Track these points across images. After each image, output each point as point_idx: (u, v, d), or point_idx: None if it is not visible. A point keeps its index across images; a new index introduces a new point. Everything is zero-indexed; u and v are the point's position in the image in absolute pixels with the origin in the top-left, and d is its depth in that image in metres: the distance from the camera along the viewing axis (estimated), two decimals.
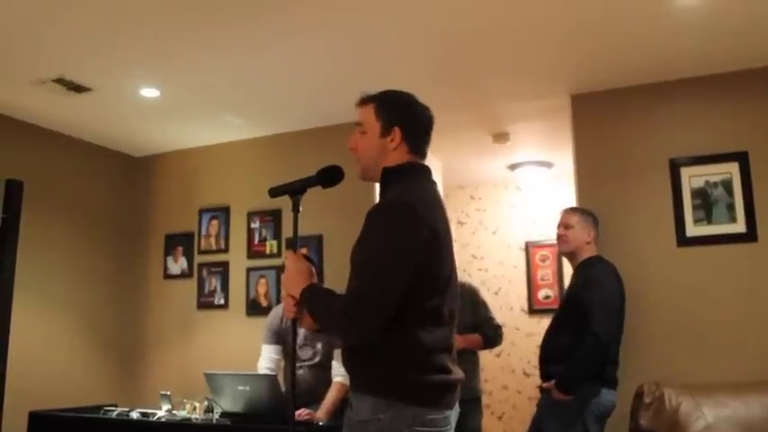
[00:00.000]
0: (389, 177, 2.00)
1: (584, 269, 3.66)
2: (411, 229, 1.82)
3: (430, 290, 1.85)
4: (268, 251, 5.14)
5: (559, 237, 3.79)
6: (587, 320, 3.37)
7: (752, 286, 3.92)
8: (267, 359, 3.83)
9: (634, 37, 3.70)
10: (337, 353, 3.56)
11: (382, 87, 2.11)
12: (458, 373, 1.92)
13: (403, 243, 1.81)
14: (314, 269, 2.03)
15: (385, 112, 2.00)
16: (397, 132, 1.99)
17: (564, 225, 3.77)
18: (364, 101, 2.05)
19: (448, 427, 1.88)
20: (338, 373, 3.58)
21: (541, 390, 3.59)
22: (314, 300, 1.91)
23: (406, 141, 2.00)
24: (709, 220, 4.06)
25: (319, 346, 3.73)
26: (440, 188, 2.10)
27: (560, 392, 3.39)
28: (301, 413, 3.31)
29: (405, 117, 2.01)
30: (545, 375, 3.58)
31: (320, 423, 3.34)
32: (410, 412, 1.79)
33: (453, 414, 1.91)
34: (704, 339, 3.93)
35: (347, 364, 1.97)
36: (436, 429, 1.83)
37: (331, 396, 3.53)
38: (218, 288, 5.27)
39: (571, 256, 3.78)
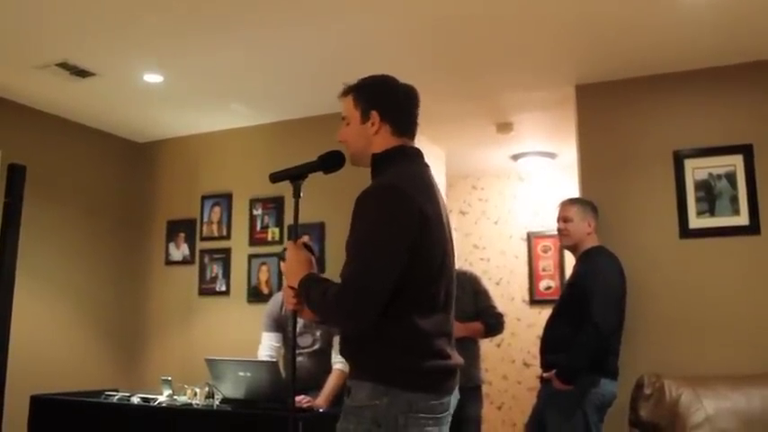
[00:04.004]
0: (378, 163, 1.99)
1: (586, 259, 3.66)
2: (400, 211, 1.81)
3: (423, 273, 1.83)
4: (270, 238, 5.14)
5: (560, 231, 3.79)
6: (588, 310, 3.37)
7: (754, 279, 3.92)
8: (267, 347, 3.83)
9: (639, 28, 3.68)
10: (337, 340, 3.57)
11: None
12: (457, 358, 1.92)
13: (392, 226, 1.80)
14: (314, 258, 2.03)
15: (362, 99, 2.01)
16: (375, 116, 1.98)
17: (563, 219, 3.76)
18: (344, 92, 2.06)
19: (446, 414, 1.87)
20: (338, 360, 3.59)
21: (541, 380, 3.60)
22: (310, 290, 1.90)
23: (387, 123, 1.99)
24: (712, 212, 4.05)
25: (318, 333, 3.74)
26: (442, 177, 2.10)
27: (560, 382, 3.40)
28: (302, 400, 3.32)
29: (380, 99, 2.01)
30: (545, 365, 3.58)
31: (320, 410, 3.35)
32: (406, 398, 1.78)
33: (452, 399, 1.90)
34: (705, 331, 3.93)
35: (345, 351, 1.96)
36: (433, 416, 1.82)
37: (331, 383, 3.54)
38: (220, 275, 5.28)
39: (573, 249, 3.78)
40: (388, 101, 2.01)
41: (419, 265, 1.82)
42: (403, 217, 1.80)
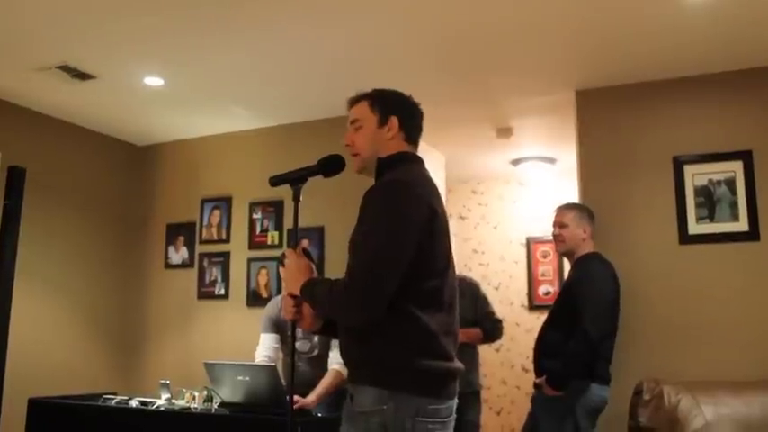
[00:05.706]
0: (384, 166, 2.02)
1: (579, 265, 3.66)
2: (410, 205, 1.83)
3: (428, 270, 1.84)
4: (269, 242, 5.14)
5: (555, 237, 3.78)
6: (579, 317, 3.38)
7: (753, 285, 3.92)
8: (266, 347, 3.80)
9: (640, 34, 3.68)
10: (335, 343, 3.55)
11: (387, 80, 2.16)
12: (458, 362, 1.92)
13: (402, 219, 1.81)
14: (313, 265, 2.04)
15: (380, 105, 2.05)
16: (394, 121, 2.03)
17: (558, 224, 3.76)
18: (356, 99, 2.10)
19: (450, 418, 1.87)
20: (336, 361, 3.57)
21: (535, 385, 3.60)
22: (315, 289, 1.91)
23: (403, 130, 2.04)
24: (711, 218, 4.05)
25: (316, 338, 3.72)
26: (442, 182, 2.12)
27: (551, 388, 3.40)
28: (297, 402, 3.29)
29: (400, 107, 2.07)
30: (538, 370, 3.59)
31: (318, 414, 3.34)
32: (414, 402, 1.78)
33: (453, 404, 1.90)
34: (704, 337, 3.92)
35: (346, 354, 1.95)
36: (439, 420, 1.82)
37: (325, 382, 3.50)
38: (219, 278, 5.28)
39: (568, 254, 3.77)
40: (406, 110, 2.08)
41: (425, 259, 1.83)
42: (412, 210, 1.83)
